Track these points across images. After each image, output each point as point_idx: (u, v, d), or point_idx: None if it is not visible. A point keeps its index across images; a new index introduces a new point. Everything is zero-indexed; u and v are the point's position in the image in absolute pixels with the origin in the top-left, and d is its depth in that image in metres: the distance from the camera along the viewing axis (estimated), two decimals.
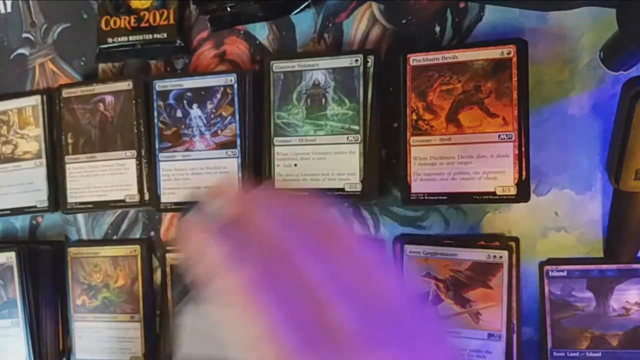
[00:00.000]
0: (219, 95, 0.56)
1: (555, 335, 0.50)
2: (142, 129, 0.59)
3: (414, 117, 0.50)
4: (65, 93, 0.61)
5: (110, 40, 0.61)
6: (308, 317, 0.20)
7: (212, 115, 0.56)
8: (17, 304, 0.61)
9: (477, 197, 0.48)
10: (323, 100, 0.53)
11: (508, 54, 0.48)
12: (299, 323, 0.20)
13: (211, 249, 0.23)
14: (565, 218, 0.50)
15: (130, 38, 0.60)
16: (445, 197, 0.49)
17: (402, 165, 0.51)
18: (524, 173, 0.47)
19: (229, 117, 0.56)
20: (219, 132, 0.56)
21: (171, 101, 0.58)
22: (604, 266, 0.49)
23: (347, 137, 0.52)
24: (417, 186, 0.50)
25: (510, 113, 0.48)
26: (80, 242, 0.64)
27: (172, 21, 0.59)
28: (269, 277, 0.21)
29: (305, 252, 0.22)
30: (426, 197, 0.50)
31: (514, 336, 0.50)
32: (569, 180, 0.50)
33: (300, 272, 0.21)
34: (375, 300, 0.21)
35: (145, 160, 0.59)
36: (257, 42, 0.58)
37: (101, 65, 0.63)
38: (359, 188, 0.51)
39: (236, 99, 0.55)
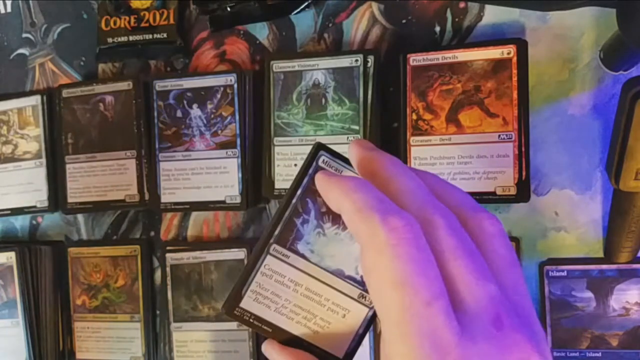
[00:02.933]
0: (219, 95, 0.56)
1: (555, 335, 0.50)
2: (142, 129, 0.59)
3: (414, 117, 0.50)
4: (65, 93, 0.61)
5: (110, 40, 0.61)
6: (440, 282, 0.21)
7: (212, 115, 0.56)
8: (17, 304, 0.61)
9: (477, 197, 0.48)
10: (323, 100, 0.53)
11: (508, 54, 0.48)
12: (434, 280, 0.20)
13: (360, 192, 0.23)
14: (565, 218, 0.50)
15: (130, 38, 0.60)
16: None
17: None
18: (524, 173, 0.47)
19: (229, 117, 0.56)
20: (219, 132, 0.56)
21: (171, 101, 0.58)
22: (604, 266, 0.49)
23: (347, 137, 0.52)
24: None
25: (510, 113, 0.48)
26: (80, 242, 0.64)
27: (172, 21, 0.59)
28: (413, 229, 0.21)
29: (449, 222, 0.22)
30: None
31: None
32: (569, 180, 0.50)
33: (441, 240, 0.21)
34: (512, 288, 0.22)
35: (145, 160, 0.59)
36: (257, 42, 0.58)
37: (101, 65, 0.63)
38: None
39: (236, 99, 0.55)
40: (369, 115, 0.51)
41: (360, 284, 0.29)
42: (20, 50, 0.66)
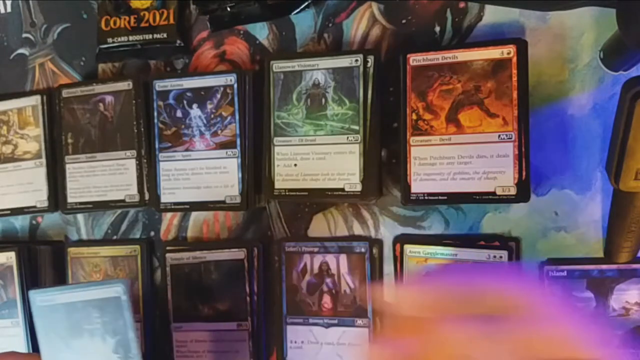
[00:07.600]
0: (219, 95, 0.56)
1: None
2: (142, 129, 0.59)
3: (414, 117, 0.50)
4: (65, 93, 0.61)
5: (110, 40, 0.61)
6: None
7: (212, 115, 0.56)
8: (17, 304, 0.61)
9: (477, 197, 0.48)
10: (323, 100, 0.53)
11: (508, 54, 0.48)
12: None
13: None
14: (565, 218, 0.50)
15: (130, 38, 0.60)
16: (445, 197, 0.49)
17: (402, 165, 0.51)
18: (524, 173, 0.47)
19: (229, 117, 0.56)
20: (219, 132, 0.56)
21: (171, 101, 0.58)
22: (604, 266, 0.49)
23: (347, 137, 0.52)
24: (417, 186, 0.50)
25: (510, 113, 0.48)
26: (80, 242, 0.64)
27: (172, 21, 0.59)
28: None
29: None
30: (426, 197, 0.50)
31: None
32: (569, 180, 0.50)
33: None
34: None
35: (145, 160, 0.59)
36: (257, 42, 0.58)
37: (101, 65, 0.63)
38: (359, 188, 0.51)
39: (236, 99, 0.55)
40: (369, 115, 0.51)
41: None
42: (20, 50, 0.66)
